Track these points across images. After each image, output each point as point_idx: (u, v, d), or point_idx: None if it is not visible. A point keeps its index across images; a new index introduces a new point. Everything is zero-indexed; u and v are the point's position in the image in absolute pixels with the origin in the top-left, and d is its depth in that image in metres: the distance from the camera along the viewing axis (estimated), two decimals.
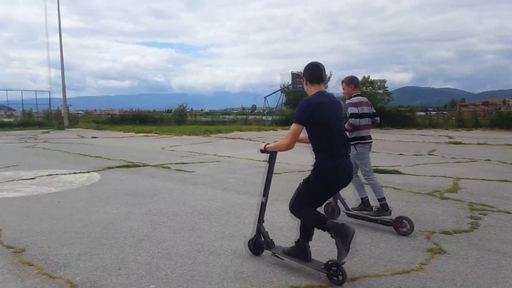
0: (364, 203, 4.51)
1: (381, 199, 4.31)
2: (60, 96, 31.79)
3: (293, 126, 2.94)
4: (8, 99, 31.41)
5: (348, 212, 4.50)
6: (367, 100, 4.59)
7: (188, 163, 9.78)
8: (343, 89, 4.58)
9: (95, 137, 19.13)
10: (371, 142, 4.50)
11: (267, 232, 3.43)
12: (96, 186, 6.86)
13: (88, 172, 8.34)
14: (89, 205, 5.52)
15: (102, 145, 14.94)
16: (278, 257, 3.28)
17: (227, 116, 48.20)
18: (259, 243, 3.42)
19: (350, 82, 4.53)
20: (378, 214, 4.31)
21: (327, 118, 2.92)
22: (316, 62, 3.14)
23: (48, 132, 23.60)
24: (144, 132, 22.62)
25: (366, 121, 4.43)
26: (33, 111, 34.28)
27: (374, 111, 4.64)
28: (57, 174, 8.03)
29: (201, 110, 71.04)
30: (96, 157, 11.05)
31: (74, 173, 8.22)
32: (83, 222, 4.67)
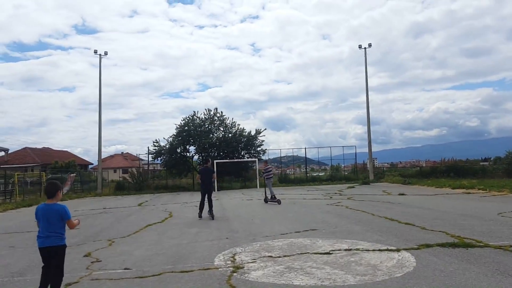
0: (272, 197, 14.82)
1: (273, 196, 14.86)
2: (365, 150, 32.69)
3: (197, 175, 13.79)
4: (320, 156, 35.35)
5: (267, 199, 15.13)
6: (271, 167, 17.41)
7: None
8: (264, 165, 16.95)
9: (402, 194, 17.16)
10: (269, 179, 15.46)
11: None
12: (412, 283, 4.51)
13: (398, 250, 6.16)
14: None
15: (412, 205, 12.63)
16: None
17: None
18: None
19: (264, 163, 17.28)
20: (273, 199, 14.73)
21: (204, 175, 11.68)
22: (208, 159, 13.10)
23: (353, 187, 23.86)
24: (463, 188, 18.59)
25: (268, 174, 15.53)
26: (341, 165, 36.98)
27: (271, 171, 16.23)
28: (358, 250, 6.32)
29: None
30: (406, 223, 8.82)
31: (380, 250, 6.24)
32: None
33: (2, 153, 56.10)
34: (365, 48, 31.64)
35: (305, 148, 33.49)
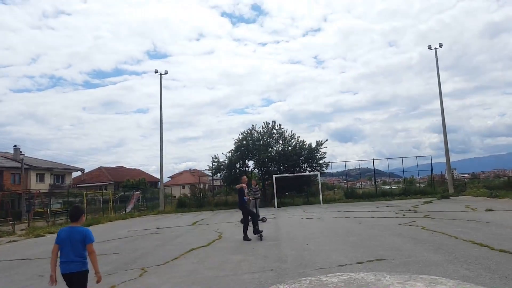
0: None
1: (259, 215, 13.52)
2: (443, 160, 29.51)
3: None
4: (391, 168, 32.63)
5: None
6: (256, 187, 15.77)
7: None
8: (253, 183, 16.02)
9: (490, 210, 14.59)
10: (258, 198, 15.02)
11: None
12: None
13: None
14: None
15: (505, 225, 10.39)
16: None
17: None
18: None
19: (253, 181, 16.64)
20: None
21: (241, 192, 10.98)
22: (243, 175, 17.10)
23: (431, 202, 21.24)
24: None
25: (256, 194, 15.17)
26: (415, 177, 33.81)
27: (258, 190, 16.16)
28: None
29: None
30: (501, 251, 6.93)
31: None
32: None
33: (79, 173, 60.60)
34: (435, 48, 28.88)
35: (373, 160, 30.74)
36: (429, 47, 29.00)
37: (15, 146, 41.74)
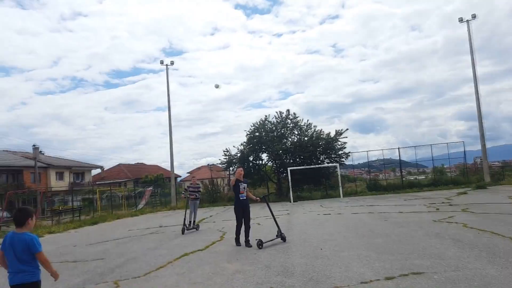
0: (193, 222, 12.05)
1: (195, 221, 12.15)
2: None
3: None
4: (417, 158, 30.25)
5: (186, 228, 11.56)
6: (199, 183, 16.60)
7: None
8: (193, 180, 13.47)
9: None
10: (198, 199, 12.56)
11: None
12: None
13: None
14: None
15: None
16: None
17: None
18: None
19: (192, 179, 14.37)
20: (192, 227, 11.82)
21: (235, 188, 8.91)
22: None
23: (465, 193, 19.05)
24: None
25: (197, 193, 12.62)
26: (445, 166, 31.34)
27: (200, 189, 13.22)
28: None
29: None
30: None
31: None
32: None
33: (99, 170, 60.51)
34: (467, 20, 26.08)
35: (399, 148, 28.35)
36: (460, 20, 26.27)
37: (33, 145, 41.27)
